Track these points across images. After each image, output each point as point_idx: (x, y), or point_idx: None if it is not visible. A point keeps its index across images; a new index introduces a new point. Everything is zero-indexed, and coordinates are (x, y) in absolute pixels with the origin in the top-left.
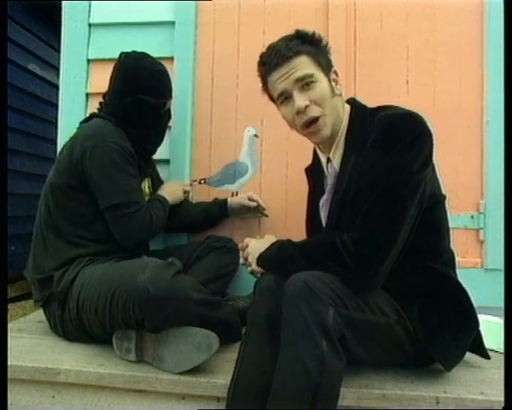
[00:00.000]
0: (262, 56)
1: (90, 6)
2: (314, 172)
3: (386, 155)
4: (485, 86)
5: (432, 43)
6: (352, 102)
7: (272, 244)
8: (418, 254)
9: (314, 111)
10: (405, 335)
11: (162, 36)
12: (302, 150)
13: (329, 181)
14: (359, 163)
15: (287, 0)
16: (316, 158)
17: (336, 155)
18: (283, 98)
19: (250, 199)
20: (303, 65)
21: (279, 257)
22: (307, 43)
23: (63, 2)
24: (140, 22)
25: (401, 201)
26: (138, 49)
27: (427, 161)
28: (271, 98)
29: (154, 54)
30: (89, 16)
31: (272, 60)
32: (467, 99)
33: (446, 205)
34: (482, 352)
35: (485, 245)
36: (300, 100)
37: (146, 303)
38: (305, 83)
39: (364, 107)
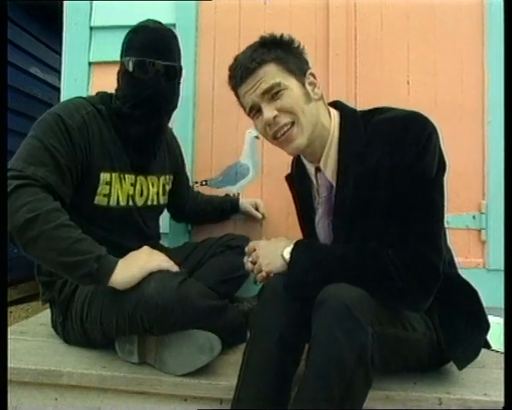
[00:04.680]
0: (230, 69)
1: (91, 9)
2: (297, 180)
3: (404, 164)
4: (486, 86)
5: (432, 44)
6: (340, 106)
7: (298, 245)
8: None
9: (284, 119)
10: (428, 347)
11: None
12: None
13: (322, 193)
14: (364, 173)
15: (287, 1)
16: (297, 165)
17: (328, 165)
18: (254, 112)
19: (257, 206)
20: (269, 75)
21: (312, 263)
22: (275, 48)
23: (64, 5)
24: None
25: (435, 206)
26: None
27: (442, 158)
28: (245, 112)
29: None
30: (90, 19)
31: (237, 74)
32: (468, 99)
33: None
34: (485, 343)
35: (487, 245)
36: (268, 112)
37: (154, 314)
38: (273, 93)
39: (354, 110)
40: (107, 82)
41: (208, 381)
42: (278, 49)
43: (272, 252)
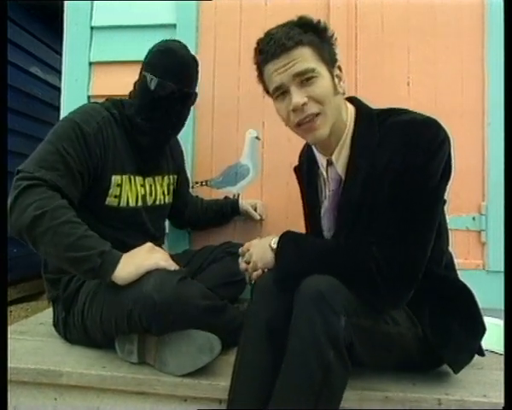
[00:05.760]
0: (259, 43)
1: (91, 9)
2: (304, 172)
3: (411, 167)
4: (486, 87)
5: (433, 45)
6: (356, 103)
7: (284, 236)
8: None
9: (312, 108)
10: (415, 342)
11: (164, 39)
12: None
13: (332, 186)
14: (374, 172)
15: (288, 1)
16: (306, 157)
17: (340, 159)
18: (279, 92)
19: (255, 208)
20: (304, 57)
21: (297, 254)
22: (311, 33)
23: (65, 5)
24: (141, 25)
25: (430, 214)
26: (140, 52)
27: (448, 167)
28: (266, 90)
29: None
30: (90, 19)
31: (270, 49)
32: (468, 100)
33: (445, 209)
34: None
35: (487, 247)
36: (298, 96)
37: (152, 311)
38: (305, 78)
39: (370, 109)
40: (108, 82)
41: (208, 381)
42: (314, 34)
43: (262, 246)
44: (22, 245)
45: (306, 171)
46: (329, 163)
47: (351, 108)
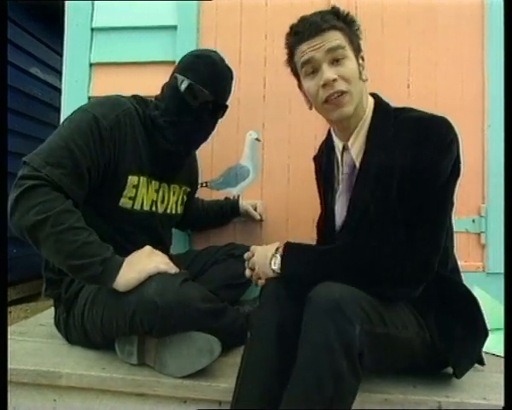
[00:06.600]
0: (293, 27)
1: (92, 10)
2: (323, 160)
3: (421, 164)
4: (486, 89)
5: (433, 47)
6: (376, 97)
7: (287, 252)
8: None
9: (341, 85)
10: (422, 347)
11: (164, 40)
12: (303, 154)
13: (345, 170)
14: (386, 167)
15: (288, 3)
16: (327, 146)
17: (355, 145)
18: (310, 70)
19: (256, 208)
20: (337, 38)
21: (303, 267)
22: (342, 21)
23: (66, 6)
24: (142, 26)
25: (439, 211)
26: (141, 54)
27: (458, 165)
28: (294, 73)
29: (157, 58)
30: (91, 20)
31: (306, 30)
32: (468, 103)
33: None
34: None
35: (487, 249)
36: (329, 72)
37: (154, 315)
38: (336, 58)
39: (388, 104)
40: (109, 83)
41: (208, 383)
42: (344, 22)
43: (263, 259)
44: (22, 246)
45: (326, 159)
46: (345, 149)
47: (370, 100)
